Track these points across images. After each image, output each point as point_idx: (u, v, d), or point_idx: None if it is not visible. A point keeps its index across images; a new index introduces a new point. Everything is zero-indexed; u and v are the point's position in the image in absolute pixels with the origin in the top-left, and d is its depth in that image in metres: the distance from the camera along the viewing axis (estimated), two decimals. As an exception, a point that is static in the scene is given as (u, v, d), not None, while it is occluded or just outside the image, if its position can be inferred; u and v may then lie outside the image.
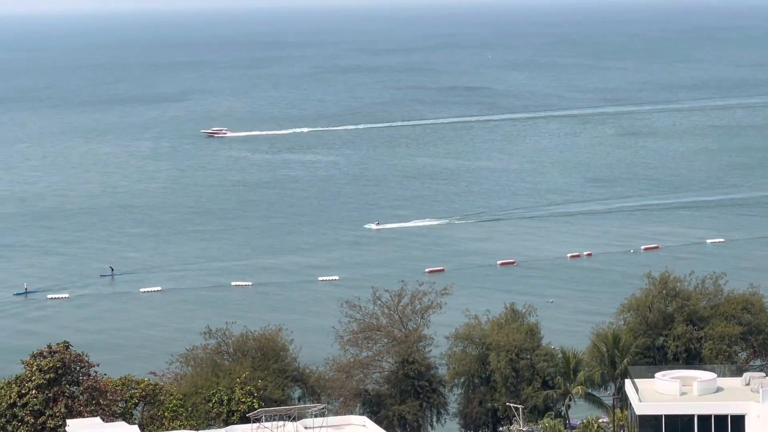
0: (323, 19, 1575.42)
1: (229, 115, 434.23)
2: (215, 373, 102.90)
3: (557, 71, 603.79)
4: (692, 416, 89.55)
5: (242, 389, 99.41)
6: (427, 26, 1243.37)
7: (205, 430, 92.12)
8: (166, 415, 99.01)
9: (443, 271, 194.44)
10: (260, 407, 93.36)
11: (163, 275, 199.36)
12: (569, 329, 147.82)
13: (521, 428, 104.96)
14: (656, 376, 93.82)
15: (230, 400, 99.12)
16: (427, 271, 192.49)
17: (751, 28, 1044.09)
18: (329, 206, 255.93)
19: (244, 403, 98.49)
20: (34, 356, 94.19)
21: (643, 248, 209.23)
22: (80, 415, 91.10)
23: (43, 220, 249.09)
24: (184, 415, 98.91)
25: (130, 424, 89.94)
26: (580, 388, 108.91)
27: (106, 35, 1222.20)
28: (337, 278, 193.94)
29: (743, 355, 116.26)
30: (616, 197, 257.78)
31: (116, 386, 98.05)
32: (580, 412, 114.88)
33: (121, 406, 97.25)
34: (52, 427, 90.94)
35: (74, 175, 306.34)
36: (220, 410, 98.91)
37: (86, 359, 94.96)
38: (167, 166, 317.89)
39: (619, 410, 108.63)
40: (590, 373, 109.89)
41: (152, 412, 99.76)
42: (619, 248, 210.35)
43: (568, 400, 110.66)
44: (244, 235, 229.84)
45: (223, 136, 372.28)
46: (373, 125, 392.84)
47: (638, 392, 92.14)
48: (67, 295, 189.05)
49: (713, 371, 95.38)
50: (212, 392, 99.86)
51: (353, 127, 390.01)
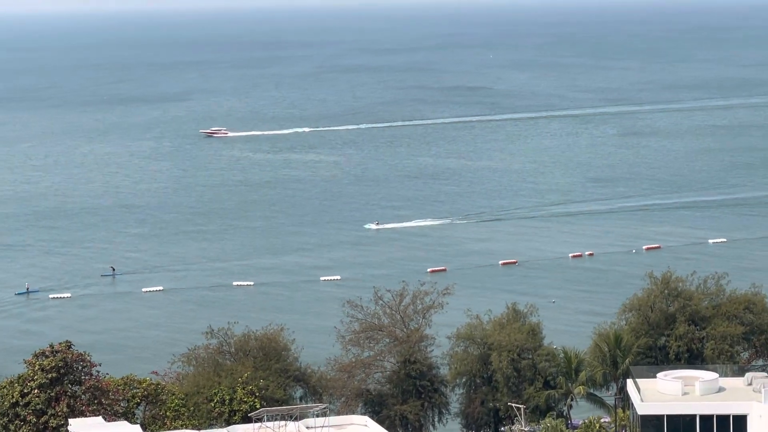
0: (325, 18, 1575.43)
1: (230, 114, 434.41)
2: (217, 372, 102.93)
3: (559, 71, 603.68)
4: (694, 416, 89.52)
5: (244, 389, 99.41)
6: (428, 26, 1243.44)
7: (206, 429, 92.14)
8: (168, 414, 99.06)
9: (445, 271, 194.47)
10: (262, 407, 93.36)
11: (164, 275, 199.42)
12: (571, 329, 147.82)
13: (523, 428, 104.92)
14: (658, 376, 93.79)
15: (232, 399, 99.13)
16: (428, 271, 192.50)
17: (753, 27, 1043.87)
18: (331, 206, 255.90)
19: (245, 402, 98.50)
20: (36, 356, 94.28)
21: (645, 248, 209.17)
22: (82, 414, 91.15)
23: (45, 219, 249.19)
24: (185, 414, 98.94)
25: (132, 423, 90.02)
26: (581, 388, 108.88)
27: (106, 35, 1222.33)
28: (338, 278, 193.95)
29: (745, 355, 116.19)
30: (617, 197, 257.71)
31: (118, 386, 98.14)
32: (581, 412, 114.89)
33: (123, 405, 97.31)
34: (54, 426, 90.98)
35: (76, 175, 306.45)
36: (221, 410, 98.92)
37: (88, 359, 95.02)
38: (169, 166, 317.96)
39: (620, 410, 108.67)
40: (592, 373, 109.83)
41: (154, 411, 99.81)
42: (620, 248, 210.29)
43: (569, 400, 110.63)
44: (245, 235, 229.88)
45: (221, 136, 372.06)
46: (374, 125, 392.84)
47: (640, 392, 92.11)
48: (69, 294, 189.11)
49: (715, 371, 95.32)
50: (214, 392, 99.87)
51: (355, 126, 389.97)
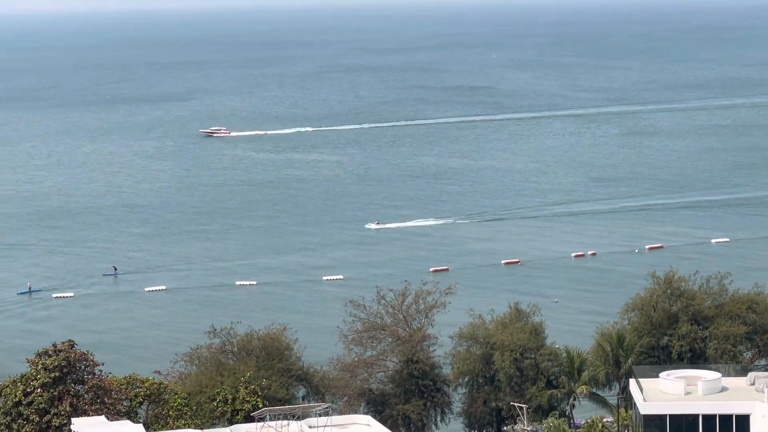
0: (327, 18, 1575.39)
1: (233, 114, 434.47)
2: (220, 372, 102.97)
3: (561, 71, 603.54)
4: (697, 416, 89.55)
5: (246, 388, 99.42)
6: (431, 26, 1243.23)
7: (209, 429, 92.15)
8: (170, 414, 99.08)
9: (447, 270, 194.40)
10: (264, 406, 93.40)
11: (167, 275, 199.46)
12: (573, 329, 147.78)
13: (525, 428, 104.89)
14: (661, 375, 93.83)
15: (234, 399, 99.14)
16: (431, 270, 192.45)
17: (755, 27, 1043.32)
18: (333, 206, 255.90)
19: (248, 402, 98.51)
20: (39, 355, 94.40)
21: (647, 248, 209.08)
22: (85, 413, 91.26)
23: (47, 219, 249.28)
24: (188, 414, 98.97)
25: (134, 422, 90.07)
26: (584, 387, 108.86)
27: (106, 35, 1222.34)
28: (341, 278, 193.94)
29: (748, 354, 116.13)
30: (620, 197, 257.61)
31: (121, 385, 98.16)
32: (584, 411, 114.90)
33: (125, 404, 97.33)
34: (57, 425, 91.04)
35: (79, 174, 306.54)
36: (224, 409, 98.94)
37: (91, 358, 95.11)
38: (171, 165, 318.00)
39: (623, 410, 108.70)
40: (594, 372, 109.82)
41: (157, 411, 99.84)
42: (623, 248, 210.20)
43: (572, 399, 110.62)
44: (248, 234, 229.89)
45: (221, 135, 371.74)
46: (377, 125, 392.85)
47: (643, 392, 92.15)
48: (72, 294, 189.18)
49: (718, 371, 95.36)
50: (217, 391, 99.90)
51: (357, 126, 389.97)
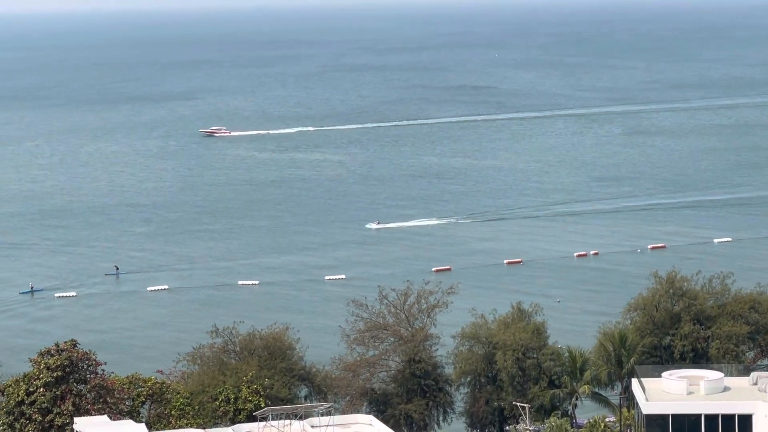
0: (330, 17, 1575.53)
1: (236, 114, 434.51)
2: (222, 371, 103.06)
3: (564, 70, 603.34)
4: (699, 416, 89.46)
5: (249, 388, 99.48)
6: (433, 25, 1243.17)
7: (211, 428, 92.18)
8: (173, 413, 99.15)
9: (450, 270, 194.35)
10: (267, 406, 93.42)
11: (170, 274, 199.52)
12: (576, 328, 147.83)
13: (528, 427, 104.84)
14: (663, 375, 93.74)
15: (237, 398, 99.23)
16: (433, 270, 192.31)
17: (758, 27, 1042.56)
18: (336, 205, 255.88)
19: (250, 401, 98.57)
20: (41, 354, 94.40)
21: (650, 247, 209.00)
22: (87, 413, 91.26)
23: (50, 218, 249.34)
24: (190, 413, 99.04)
25: (137, 422, 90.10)
26: (586, 387, 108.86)
27: (107, 34, 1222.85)
28: (343, 277, 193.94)
29: (750, 354, 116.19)
30: (623, 196, 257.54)
31: (123, 384, 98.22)
32: (586, 411, 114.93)
33: (128, 404, 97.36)
34: (59, 425, 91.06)
35: (81, 173, 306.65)
36: (226, 409, 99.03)
37: (93, 357, 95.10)
38: (174, 165, 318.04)
39: (625, 409, 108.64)
40: (597, 372, 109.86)
41: (159, 410, 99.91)
42: (626, 247, 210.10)
43: (574, 399, 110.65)
44: (250, 234, 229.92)
45: (221, 135, 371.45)
46: (379, 124, 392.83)
47: (645, 391, 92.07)
48: (74, 293, 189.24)
49: (720, 371, 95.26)
50: (219, 391, 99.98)
51: (360, 126, 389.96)
